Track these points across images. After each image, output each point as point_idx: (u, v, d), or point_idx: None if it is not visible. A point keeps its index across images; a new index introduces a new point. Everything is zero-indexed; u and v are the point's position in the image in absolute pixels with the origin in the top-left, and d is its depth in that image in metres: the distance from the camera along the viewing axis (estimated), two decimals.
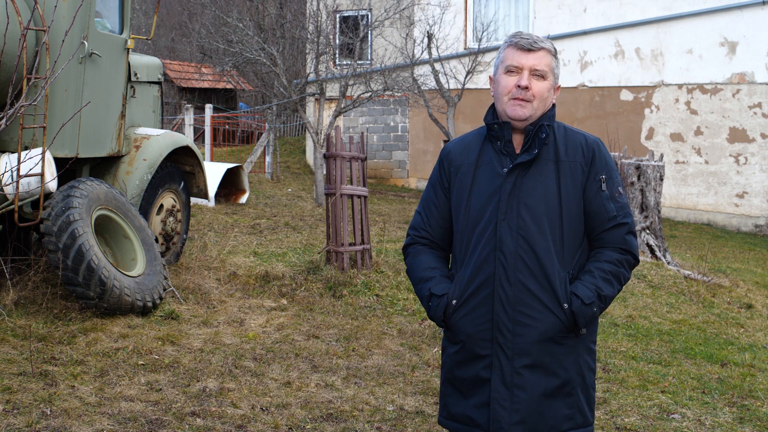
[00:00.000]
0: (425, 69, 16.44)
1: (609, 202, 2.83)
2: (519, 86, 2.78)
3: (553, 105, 2.90)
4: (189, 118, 17.44)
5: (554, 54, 2.86)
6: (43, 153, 5.84)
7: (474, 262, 2.83)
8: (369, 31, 17.16)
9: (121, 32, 7.29)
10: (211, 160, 17.73)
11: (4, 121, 3.72)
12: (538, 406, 2.79)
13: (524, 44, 2.81)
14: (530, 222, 2.77)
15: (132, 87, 7.69)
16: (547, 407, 2.80)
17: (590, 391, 2.90)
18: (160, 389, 4.89)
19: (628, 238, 2.85)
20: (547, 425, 2.81)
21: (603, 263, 2.82)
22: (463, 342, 2.86)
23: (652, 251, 10.10)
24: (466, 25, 17.82)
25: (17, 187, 5.53)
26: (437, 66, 15.73)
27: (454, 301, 2.85)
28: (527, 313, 2.77)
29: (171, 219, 7.86)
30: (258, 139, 23.24)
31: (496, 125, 2.84)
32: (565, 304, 2.76)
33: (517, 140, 2.86)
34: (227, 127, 21.97)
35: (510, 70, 2.81)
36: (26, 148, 6.12)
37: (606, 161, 2.86)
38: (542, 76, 2.80)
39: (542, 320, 2.77)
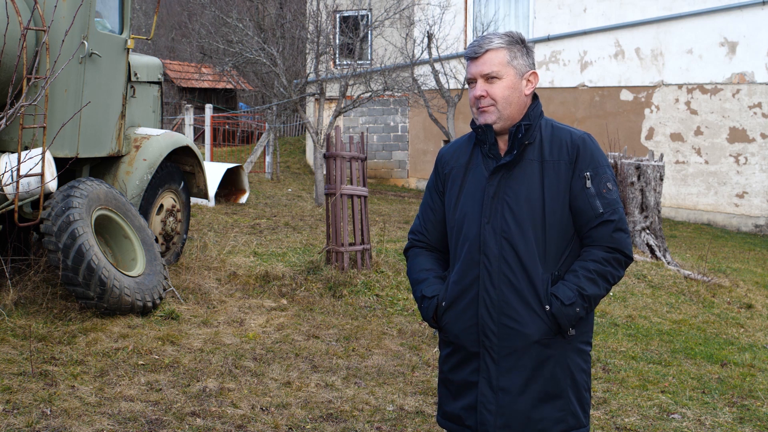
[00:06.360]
0: (425, 69, 16.44)
1: (595, 199, 2.77)
2: (475, 97, 2.81)
3: (535, 101, 2.85)
4: (189, 118, 17.44)
5: (509, 45, 2.78)
6: (43, 153, 5.83)
7: (460, 264, 2.84)
8: (369, 31, 17.16)
9: (121, 32, 7.29)
10: (211, 160, 17.73)
11: (4, 121, 3.72)
12: (525, 409, 2.77)
13: (470, 53, 2.82)
14: (513, 224, 2.76)
15: (132, 87, 7.69)
16: (534, 410, 2.78)
17: (582, 392, 2.86)
18: (160, 389, 4.89)
19: (617, 236, 2.79)
20: (535, 428, 2.78)
21: (588, 262, 2.78)
22: (454, 343, 2.88)
23: (652, 251, 10.09)
24: (466, 25, 17.81)
25: (17, 187, 5.53)
26: (437, 66, 15.73)
27: (444, 303, 2.87)
28: (512, 316, 2.76)
29: (171, 219, 7.86)
30: (258, 139, 23.23)
31: (480, 129, 2.85)
32: (547, 306, 2.74)
33: (503, 143, 2.86)
34: (227, 127, 21.97)
35: (470, 81, 2.83)
36: (26, 148, 6.12)
37: (592, 157, 2.80)
38: (496, 77, 2.77)
39: (527, 324, 2.75)
